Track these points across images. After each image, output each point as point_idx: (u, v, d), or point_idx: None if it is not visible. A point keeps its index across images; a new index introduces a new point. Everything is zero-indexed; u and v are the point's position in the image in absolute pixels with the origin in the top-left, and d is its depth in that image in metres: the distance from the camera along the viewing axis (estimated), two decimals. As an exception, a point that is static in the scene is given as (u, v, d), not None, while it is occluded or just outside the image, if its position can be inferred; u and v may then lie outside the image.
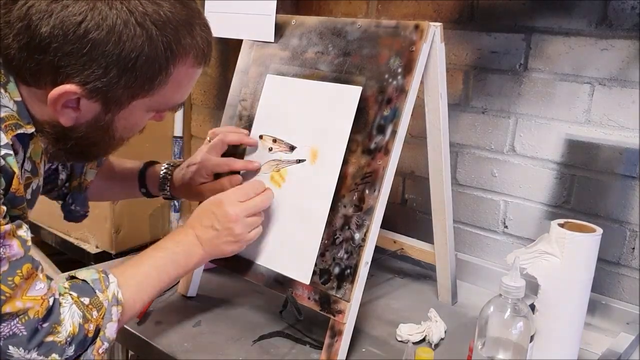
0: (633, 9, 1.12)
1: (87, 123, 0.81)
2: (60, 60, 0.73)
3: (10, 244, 0.73)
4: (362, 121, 1.01)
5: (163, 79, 0.79)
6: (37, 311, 0.75)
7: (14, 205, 0.75)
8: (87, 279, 0.84)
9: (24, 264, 0.75)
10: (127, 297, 0.86)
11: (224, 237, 0.98)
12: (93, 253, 1.81)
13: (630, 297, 1.20)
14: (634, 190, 1.17)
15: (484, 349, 0.89)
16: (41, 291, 0.76)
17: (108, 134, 0.84)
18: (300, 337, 1.08)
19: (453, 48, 1.36)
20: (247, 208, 0.99)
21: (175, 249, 0.96)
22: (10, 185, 0.74)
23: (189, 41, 0.80)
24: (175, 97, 0.85)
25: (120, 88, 0.77)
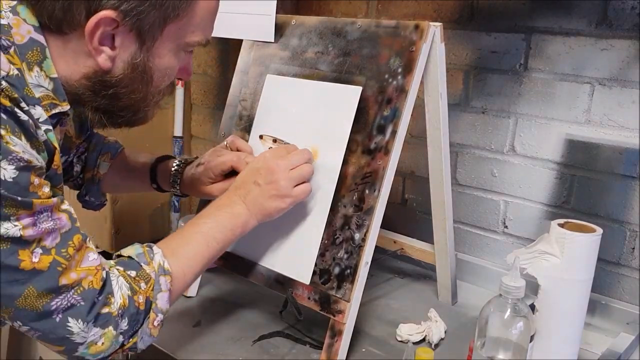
0: (633, 9, 1.12)
1: (125, 62, 0.80)
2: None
3: (59, 217, 0.74)
4: (362, 121, 1.01)
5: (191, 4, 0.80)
6: (91, 281, 0.76)
7: (54, 183, 0.76)
8: (131, 254, 0.84)
9: (75, 235, 0.75)
10: (174, 267, 0.86)
11: (268, 191, 0.96)
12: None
13: (630, 297, 1.20)
14: (634, 190, 1.17)
15: (484, 349, 0.89)
16: (95, 262, 0.77)
17: (145, 75, 0.83)
18: (300, 337, 1.08)
19: (453, 48, 1.35)
20: (290, 160, 0.98)
21: (218, 212, 0.95)
22: (52, 161, 0.75)
23: None
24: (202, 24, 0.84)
25: (151, 7, 0.77)
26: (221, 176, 1.08)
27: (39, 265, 0.71)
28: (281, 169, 0.97)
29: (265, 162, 0.98)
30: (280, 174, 0.96)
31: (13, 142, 0.68)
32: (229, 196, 0.98)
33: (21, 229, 0.69)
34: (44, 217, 0.71)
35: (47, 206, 0.72)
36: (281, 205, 0.98)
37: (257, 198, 0.96)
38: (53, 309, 0.73)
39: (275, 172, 0.96)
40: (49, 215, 0.72)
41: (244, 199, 0.96)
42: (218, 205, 0.96)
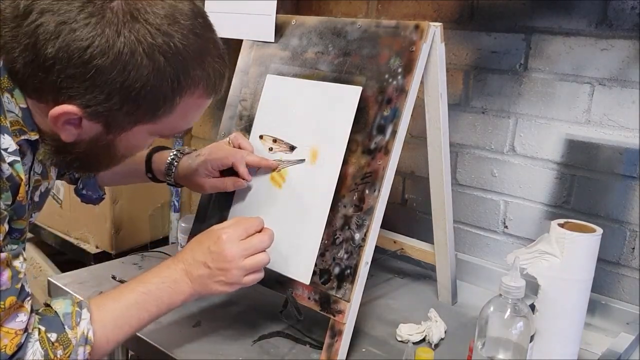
0: (633, 9, 1.12)
1: (89, 140, 0.79)
2: (62, 82, 0.72)
3: (1, 273, 0.72)
4: (362, 121, 1.01)
5: (168, 109, 0.77)
6: (7, 345, 0.74)
7: (19, 216, 0.75)
8: (59, 311, 0.81)
9: (8, 297, 0.73)
10: (99, 335, 0.83)
11: (216, 276, 0.91)
12: (93, 253, 1.81)
13: (630, 297, 1.20)
14: (634, 190, 1.17)
15: (484, 349, 0.89)
16: (20, 324, 0.75)
17: (109, 152, 0.83)
18: (300, 337, 1.08)
19: (453, 48, 1.35)
20: (246, 248, 0.92)
21: (160, 285, 0.90)
22: (17, 194, 0.73)
23: (199, 73, 0.77)
24: (180, 125, 0.83)
25: (122, 115, 0.75)
26: (218, 171, 1.08)
27: None
28: (235, 257, 0.91)
29: (219, 246, 0.91)
30: (233, 262, 0.91)
31: None
32: (176, 269, 0.92)
33: None
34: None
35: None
36: (227, 290, 0.93)
37: (205, 280, 0.91)
38: None
39: (227, 260, 0.91)
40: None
41: (190, 277, 0.91)
42: (162, 277, 0.91)
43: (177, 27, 0.73)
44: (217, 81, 0.81)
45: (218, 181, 1.08)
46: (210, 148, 1.10)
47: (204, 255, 0.92)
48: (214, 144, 1.11)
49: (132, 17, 0.71)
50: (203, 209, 1.18)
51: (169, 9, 0.73)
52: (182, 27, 0.74)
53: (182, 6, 0.75)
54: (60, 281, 1.25)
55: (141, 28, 0.71)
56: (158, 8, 0.72)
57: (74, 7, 0.69)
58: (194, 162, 1.09)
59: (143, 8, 0.71)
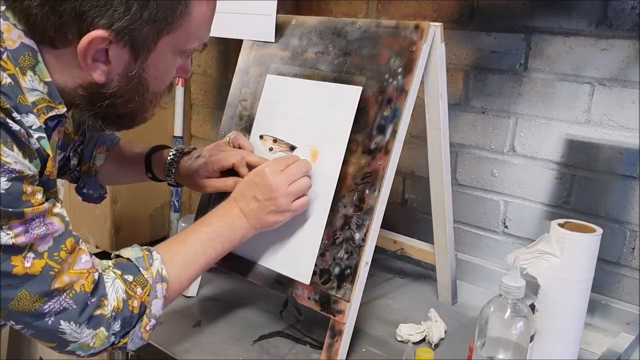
0: (633, 9, 1.12)
1: (119, 76, 0.80)
2: (81, 6, 0.73)
3: (52, 221, 0.74)
4: (362, 121, 1.01)
5: (183, 8, 0.79)
6: (83, 284, 0.77)
7: (47, 188, 0.76)
8: (131, 257, 0.85)
9: (67, 238, 0.76)
10: (172, 274, 0.87)
11: (267, 207, 0.97)
12: (93, 253, 1.81)
13: (630, 297, 1.20)
14: (634, 190, 1.17)
15: (484, 349, 0.89)
16: (87, 264, 0.78)
17: (141, 86, 0.83)
18: (300, 337, 1.08)
19: (453, 48, 1.36)
20: (289, 175, 0.98)
21: (219, 222, 0.96)
22: (45, 167, 0.75)
23: None
24: (197, 33, 0.84)
25: (144, 24, 0.76)
26: (218, 173, 1.08)
27: (32, 270, 0.72)
28: (280, 186, 0.97)
29: (264, 178, 0.98)
30: (279, 191, 0.97)
31: (5, 154, 0.69)
32: (230, 207, 0.99)
33: (13, 237, 0.70)
34: (36, 223, 0.72)
35: (39, 213, 0.72)
36: (280, 219, 1.00)
37: (257, 212, 0.98)
38: (46, 312, 0.74)
39: (274, 190, 0.97)
40: (41, 221, 0.73)
41: (244, 212, 0.98)
42: (219, 215, 0.98)
43: None
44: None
45: (219, 181, 1.08)
46: (210, 149, 1.10)
47: (251, 190, 0.98)
48: (214, 145, 1.11)
49: None
50: (203, 209, 1.18)
51: None
52: None
53: None
54: (60, 281, 1.25)
55: None
56: None
57: None
58: (194, 164, 1.10)
59: None
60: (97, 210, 1.75)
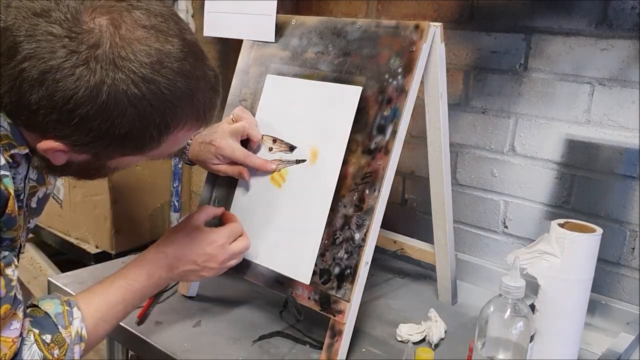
0: (633, 9, 1.12)
1: (79, 163, 0.80)
2: (48, 124, 0.71)
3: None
4: (362, 121, 1.01)
5: (155, 145, 0.77)
6: (5, 354, 0.75)
7: (9, 227, 0.75)
8: (50, 312, 0.82)
9: (3, 305, 0.74)
10: (91, 331, 0.85)
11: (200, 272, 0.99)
12: (93, 253, 1.81)
13: (630, 297, 1.20)
14: (634, 190, 1.17)
15: (484, 349, 0.89)
16: (15, 332, 0.76)
17: (101, 171, 0.83)
18: (300, 337, 1.08)
19: (453, 48, 1.36)
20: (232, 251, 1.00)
21: (146, 282, 0.95)
22: (5, 208, 0.73)
23: (188, 111, 0.77)
24: (169, 151, 0.84)
25: (109, 151, 0.76)
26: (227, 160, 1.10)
27: None
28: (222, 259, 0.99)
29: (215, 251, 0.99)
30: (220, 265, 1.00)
31: None
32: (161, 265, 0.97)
33: None
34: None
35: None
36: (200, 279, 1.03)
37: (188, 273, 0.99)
38: None
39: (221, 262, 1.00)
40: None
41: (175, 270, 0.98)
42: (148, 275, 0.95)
43: (164, 71, 0.72)
44: (207, 113, 0.80)
45: (229, 168, 1.10)
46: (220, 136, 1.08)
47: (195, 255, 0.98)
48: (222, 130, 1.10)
49: (115, 66, 0.69)
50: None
51: (156, 54, 0.72)
52: (170, 72, 0.72)
53: (170, 47, 0.73)
54: (60, 281, 1.25)
55: (125, 77, 0.70)
56: (144, 54, 0.71)
57: (58, 56, 0.68)
58: (203, 151, 1.10)
59: (127, 56, 0.70)
60: (97, 210, 1.76)
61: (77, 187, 1.76)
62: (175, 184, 1.82)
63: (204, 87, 0.78)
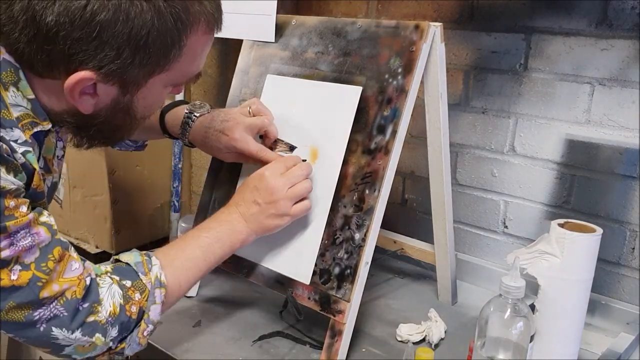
0: (633, 9, 1.12)
1: (107, 107, 0.80)
2: (70, 48, 0.71)
3: (37, 232, 0.74)
4: (362, 121, 1.01)
5: (177, 52, 0.77)
6: (74, 291, 0.76)
7: (34, 199, 0.76)
8: (129, 262, 0.85)
9: (54, 247, 0.75)
10: (171, 279, 0.87)
11: (267, 210, 0.97)
12: (93, 253, 1.81)
13: (630, 297, 1.20)
14: (634, 190, 1.17)
15: (484, 349, 0.89)
16: (77, 271, 0.77)
17: (129, 115, 0.83)
18: (300, 337, 1.08)
19: (453, 48, 1.36)
20: (289, 178, 0.98)
21: (219, 227, 0.96)
22: (31, 181, 0.75)
23: (197, 8, 0.77)
24: (191, 68, 0.83)
25: (135, 68, 0.75)
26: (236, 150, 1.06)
27: (18, 281, 0.71)
28: (280, 189, 0.97)
29: (264, 182, 0.97)
30: (279, 194, 0.97)
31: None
32: (230, 212, 0.98)
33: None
34: (21, 234, 0.72)
35: (23, 224, 0.72)
36: (280, 223, 0.99)
37: (257, 216, 0.97)
38: (36, 319, 0.74)
39: (274, 192, 0.97)
40: (26, 232, 0.72)
41: (244, 217, 0.98)
42: (219, 220, 0.97)
43: None
44: (216, 14, 0.81)
45: (238, 158, 1.08)
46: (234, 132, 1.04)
47: (252, 194, 0.98)
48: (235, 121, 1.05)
49: None
50: (203, 209, 1.18)
51: None
52: None
53: None
54: (60, 281, 1.25)
55: None
56: None
57: None
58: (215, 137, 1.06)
59: None
60: (97, 210, 1.75)
61: (77, 187, 1.76)
62: (175, 184, 1.82)
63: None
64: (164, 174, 1.84)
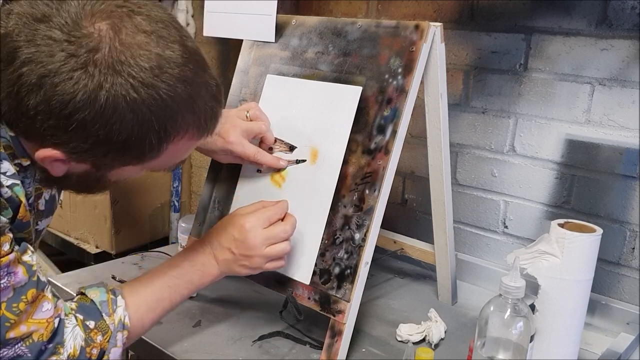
0: (633, 9, 1.12)
1: (79, 175, 0.79)
2: (46, 130, 0.70)
3: (15, 272, 0.73)
4: (362, 121, 1.01)
5: (155, 154, 0.76)
6: (42, 334, 0.75)
7: (20, 230, 0.76)
8: (95, 299, 0.84)
9: (29, 290, 0.74)
10: (135, 320, 0.86)
11: (240, 262, 0.96)
12: (93, 253, 1.81)
13: (630, 297, 1.20)
14: (634, 190, 1.17)
15: (484, 349, 0.89)
16: (48, 313, 0.76)
17: (101, 183, 0.83)
18: (300, 337, 1.08)
19: (453, 48, 1.36)
20: (268, 237, 0.95)
21: (190, 269, 0.95)
22: (17, 213, 0.74)
23: (188, 119, 0.75)
24: (170, 163, 0.83)
25: (108, 159, 0.75)
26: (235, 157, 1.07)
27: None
28: (258, 247, 0.94)
29: (244, 235, 0.94)
30: (256, 251, 0.95)
31: None
32: (204, 252, 0.97)
33: None
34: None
35: (2, 265, 0.71)
36: (251, 273, 0.98)
37: (229, 263, 0.96)
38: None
39: (251, 249, 0.94)
40: (5, 272, 0.72)
41: (216, 259, 0.97)
42: (192, 261, 0.96)
43: (164, 77, 0.71)
44: (209, 122, 0.79)
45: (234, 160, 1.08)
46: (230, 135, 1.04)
47: (228, 241, 0.96)
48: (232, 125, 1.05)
49: (114, 70, 0.68)
50: (203, 209, 1.18)
51: (156, 58, 0.70)
52: (170, 77, 0.71)
53: (170, 53, 0.72)
54: (60, 281, 1.25)
55: (124, 82, 0.69)
56: (143, 59, 0.70)
57: (57, 60, 0.67)
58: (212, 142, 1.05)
59: (127, 60, 0.69)
60: (97, 210, 1.76)
61: (77, 187, 1.76)
62: (175, 184, 1.82)
63: (205, 95, 0.76)
64: (164, 174, 1.84)
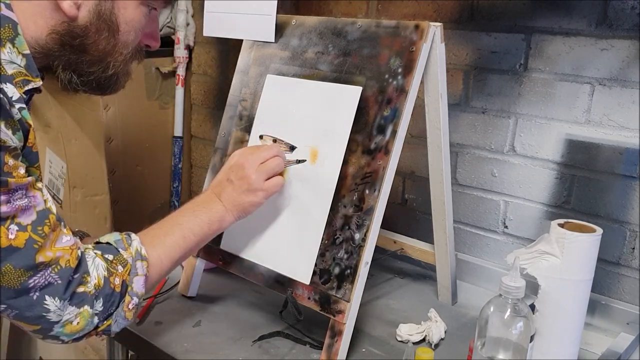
0: (633, 9, 1.12)
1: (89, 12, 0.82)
2: None
3: (34, 195, 0.74)
4: (362, 121, 1.01)
5: None
6: (68, 260, 0.77)
7: (30, 162, 0.77)
8: (110, 240, 0.86)
9: (50, 214, 0.76)
10: (151, 254, 0.89)
11: (240, 187, 0.99)
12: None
13: (630, 297, 1.20)
14: (634, 190, 1.17)
15: (484, 349, 0.89)
16: (69, 242, 0.78)
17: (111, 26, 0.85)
18: (300, 337, 1.08)
19: (453, 48, 1.35)
20: (259, 157, 1.00)
21: (195, 208, 0.98)
22: (27, 139, 0.75)
23: None
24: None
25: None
26: None
27: (15, 242, 0.72)
28: (250, 164, 1.00)
29: (235, 159, 1.01)
30: (250, 169, 0.99)
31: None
32: (206, 194, 1.02)
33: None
34: (19, 194, 0.72)
35: (22, 184, 0.72)
36: (254, 200, 1.00)
37: (231, 194, 0.99)
38: (30, 287, 0.74)
39: (245, 167, 0.99)
40: (23, 194, 0.73)
41: (219, 197, 1.00)
42: (196, 202, 1.00)
43: None
44: None
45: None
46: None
47: (225, 173, 1.01)
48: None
49: None
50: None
51: None
52: None
53: None
54: (60, 281, 1.25)
55: None
56: None
57: None
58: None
59: None
60: (97, 210, 1.75)
61: (77, 187, 1.76)
62: (175, 184, 1.82)
63: None
64: (164, 174, 1.84)
